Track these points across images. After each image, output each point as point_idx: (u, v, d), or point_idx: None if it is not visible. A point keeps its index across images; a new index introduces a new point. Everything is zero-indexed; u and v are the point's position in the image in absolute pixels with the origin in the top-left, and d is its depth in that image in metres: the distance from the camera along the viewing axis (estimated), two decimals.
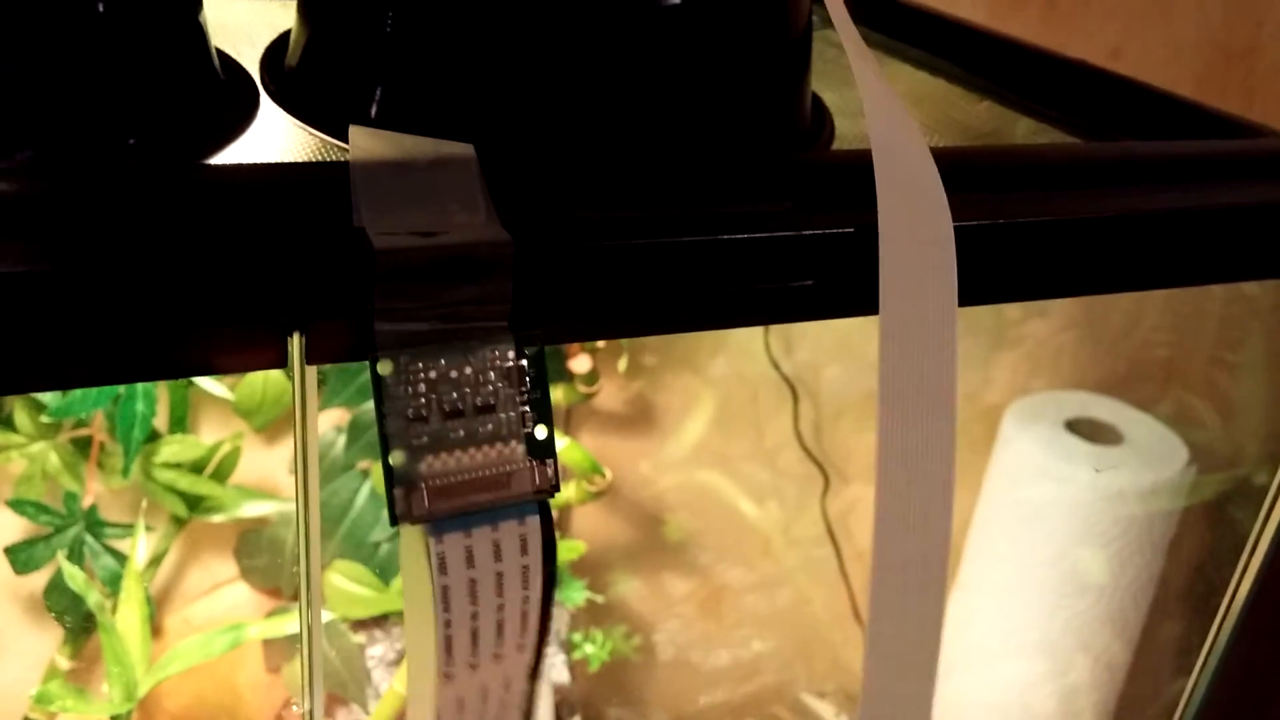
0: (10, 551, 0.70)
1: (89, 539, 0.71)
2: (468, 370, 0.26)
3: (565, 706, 0.78)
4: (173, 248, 0.24)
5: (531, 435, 0.27)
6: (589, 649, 0.79)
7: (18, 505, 0.69)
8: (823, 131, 0.44)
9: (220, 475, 0.73)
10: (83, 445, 0.70)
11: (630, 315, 0.31)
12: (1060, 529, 0.84)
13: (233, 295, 0.25)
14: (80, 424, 0.70)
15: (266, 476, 0.77)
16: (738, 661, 0.88)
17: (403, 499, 0.26)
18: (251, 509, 0.74)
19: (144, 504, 0.69)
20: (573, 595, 0.78)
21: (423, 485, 0.26)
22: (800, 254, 0.32)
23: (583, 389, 0.76)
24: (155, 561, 0.75)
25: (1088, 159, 0.41)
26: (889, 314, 0.27)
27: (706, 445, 0.84)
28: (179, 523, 0.75)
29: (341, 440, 0.74)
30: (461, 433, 0.26)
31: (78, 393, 0.64)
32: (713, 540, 0.86)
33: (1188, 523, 0.84)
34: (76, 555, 0.70)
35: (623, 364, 0.78)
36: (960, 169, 0.32)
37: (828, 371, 0.86)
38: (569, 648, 0.78)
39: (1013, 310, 0.88)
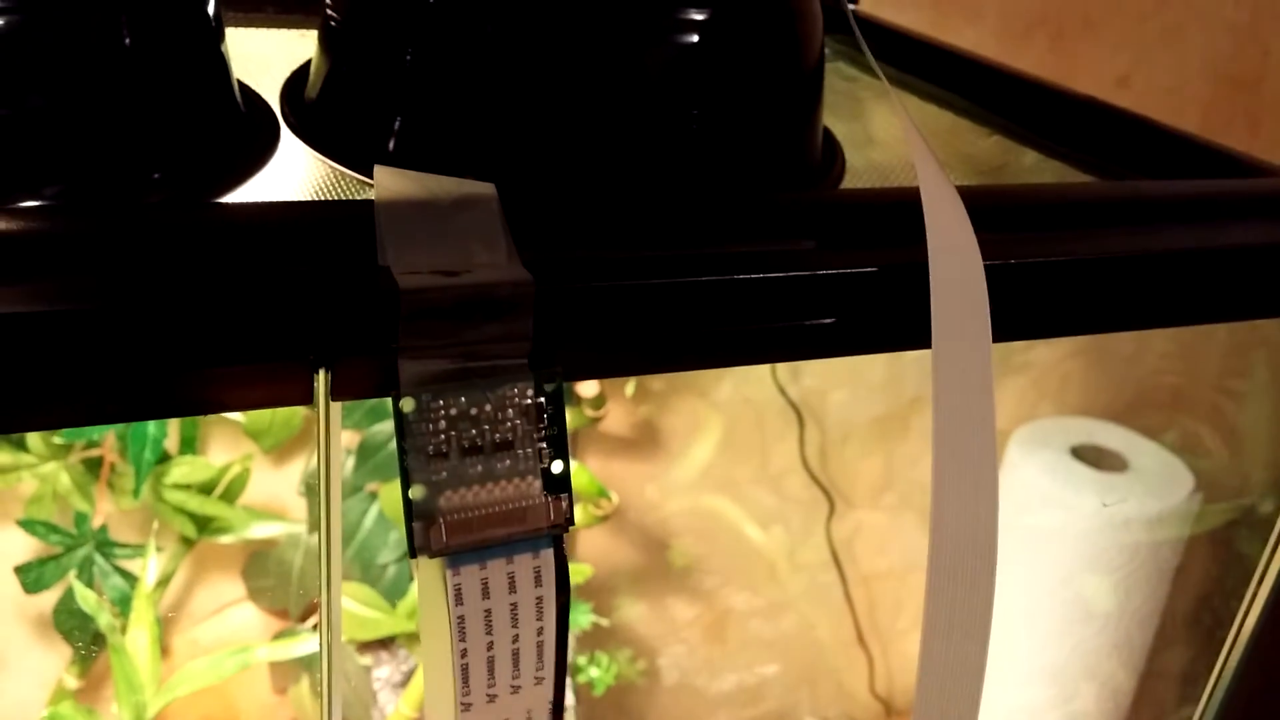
0: (20, 571, 0.70)
1: (99, 559, 0.72)
2: (487, 408, 0.26)
3: None
4: (201, 286, 0.25)
5: (548, 470, 0.28)
6: (594, 672, 0.79)
7: (29, 525, 0.69)
8: (834, 165, 0.44)
9: (229, 496, 0.73)
10: (93, 466, 0.71)
11: (649, 353, 0.31)
12: (1065, 556, 0.84)
13: (260, 333, 0.25)
14: (91, 444, 0.71)
15: (274, 498, 0.77)
16: (742, 686, 0.88)
17: (421, 533, 0.26)
18: (260, 530, 0.74)
19: (155, 525, 0.69)
20: (578, 618, 0.79)
21: (441, 520, 0.26)
22: (821, 292, 0.32)
23: (590, 413, 0.77)
24: (164, 582, 0.75)
25: (1096, 199, 0.42)
26: (941, 353, 0.28)
27: (712, 470, 0.84)
28: (188, 543, 0.75)
29: (350, 462, 0.75)
30: (479, 469, 0.27)
31: None
32: (718, 565, 0.86)
33: (1193, 551, 0.84)
34: (86, 575, 0.70)
35: (630, 388, 0.78)
36: (973, 209, 0.33)
37: (834, 397, 0.86)
38: (574, 671, 0.78)
39: None
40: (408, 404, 0.25)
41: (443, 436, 0.26)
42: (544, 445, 0.27)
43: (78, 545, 0.71)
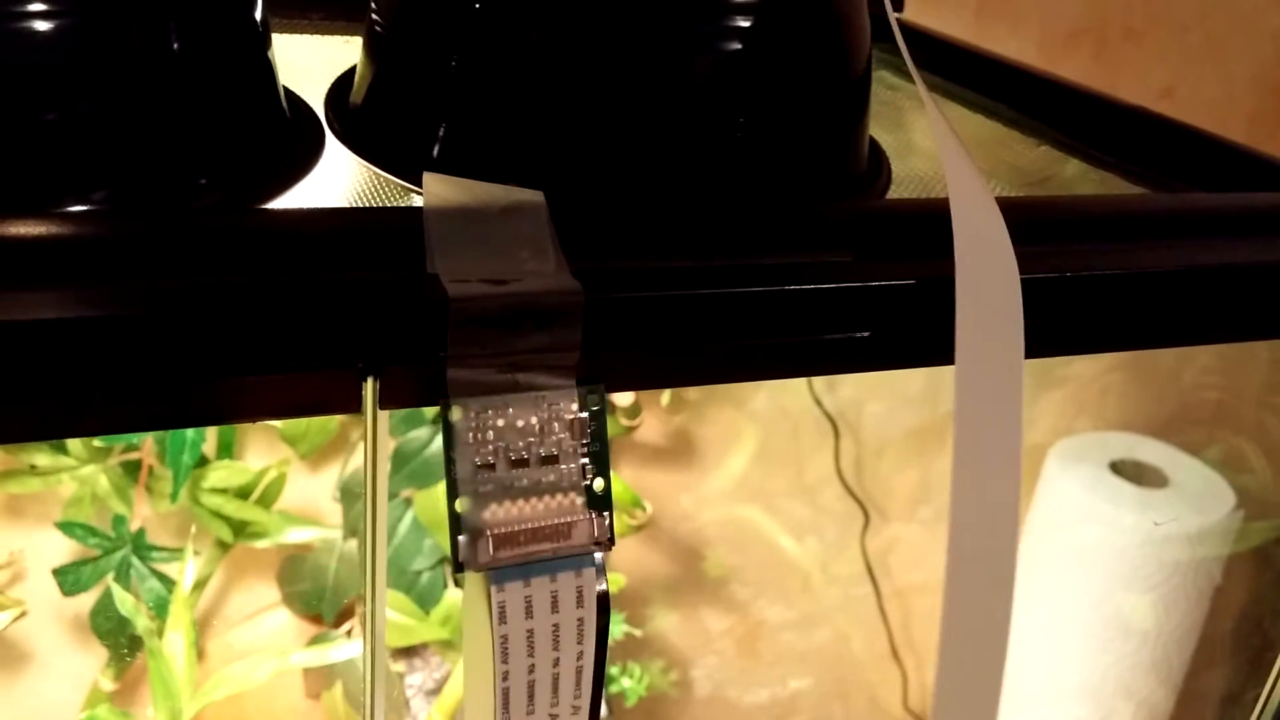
0: (59, 573, 0.71)
1: (136, 562, 0.72)
2: (534, 420, 0.26)
3: None
4: (248, 292, 0.25)
5: (590, 487, 0.27)
6: (626, 683, 0.78)
7: (67, 527, 0.70)
8: (880, 174, 0.44)
9: (265, 501, 0.73)
10: (132, 469, 0.71)
11: (689, 365, 0.31)
12: (1104, 572, 0.82)
13: (308, 340, 0.25)
14: (130, 448, 0.71)
15: (310, 503, 0.77)
16: (775, 699, 0.88)
17: (468, 547, 0.26)
18: (295, 535, 0.74)
19: (193, 529, 0.69)
20: (611, 629, 0.78)
21: (488, 533, 0.26)
22: (860, 305, 0.32)
23: (625, 422, 0.76)
24: (199, 586, 0.75)
25: (1143, 211, 0.41)
26: (964, 367, 0.28)
27: (747, 480, 0.83)
28: (224, 547, 0.75)
29: (386, 469, 0.75)
30: (525, 482, 0.26)
31: None
32: (752, 576, 0.85)
33: (1234, 569, 0.82)
34: (123, 578, 0.71)
35: (665, 398, 0.78)
36: (1020, 221, 0.32)
37: (870, 408, 0.85)
38: (607, 681, 0.78)
39: None
40: (456, 413, 0.25)
41: (490, 448, 0.26)
42: (587, 461, 0.27)
43: (115, 548, 0.71)
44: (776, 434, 0.83)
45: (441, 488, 0.68)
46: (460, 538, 0.26)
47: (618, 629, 0.78)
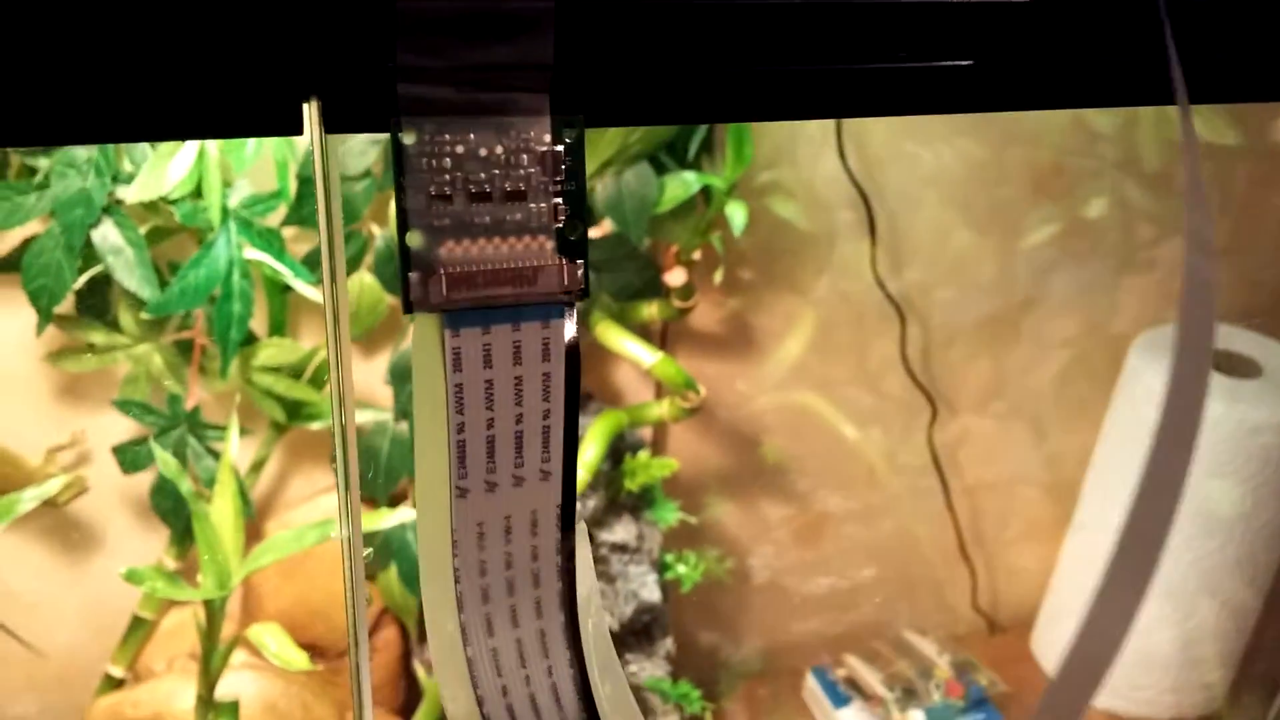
0: (118, 451, 0.71)
1: (191, 440, 0.73)
2: (498, 149, 0.24)
3: (657, 626, 0.77)
4: (186, 4, 0.23)
5: (562, 231, 0.25)
6: (681, 569, 0.77)
7: (124, 405, 0.70)
8: None
9: (317, 382, 0.73)
10: (185, 348, 0.72)
11: (698, 94, 0.26)
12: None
13: (245, 55, 0.23)
14: (183, 327, 0.71)
15: (362, 385, 0.77)
16: (835, 591, 0.85)
17: (419, 284, 0.24)
18: None
19: (237, 398, 0.70)
20: (665, 515, 0.77)
21: (441, 271, 0.24)
22: (948, 21, 0.26)
23: (678, 304, 0.74)
24: (256, 468, 0.76)
25: None
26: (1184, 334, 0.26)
27: (807, 368, 0.81)
28: (279, 429, 0.75)
29: None
30: (487, 219, 0.24)
31: (174, 291, 0.65)
32: (811, 466, 0.83)
33: None
34: (180, 457, 0.72)
35: (718, 275, 0.75)
36: None
37: (939, 294, 0.82)
38: (661, 567, 0.76)
39: (1146, 229, 0.82)
40: (409, 135, 0.23)
41: (447, 177, 0.24)
42: (559, 201, 0.25)
43: (171, 427, 0.72)
44: (837, 319, 0.80)
45: None
46: (411, 274, 0.24)
47: (672, 515, 0.76)
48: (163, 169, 0.65)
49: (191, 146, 0.65)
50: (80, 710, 0.72)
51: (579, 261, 0.25)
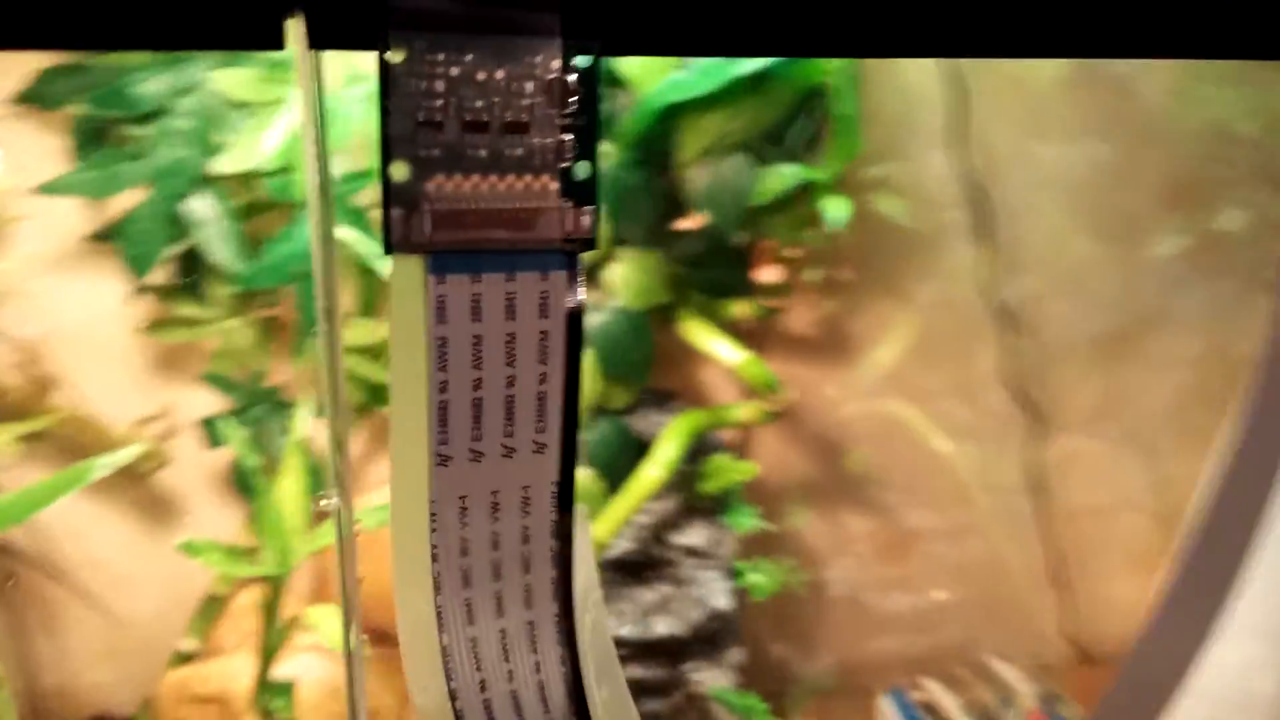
0: (207, 424, 0.72)
1: (273, 418, 0.73)
2: (499, 74, 0.21)
3: (726, 634, 0.74)
4: None
5: (569, 171, 0.22)
6: (755, 578, 0.74)
7: (213, 378, 0.71)
8: None
9: None
10: (272, 325, 0.72)
11: (735, 23, 0.23)
12: None
13: None
14: (269, 304, 0.72)
15: None
16: (916, 611, 0.81)
17: (401, 221, 0.21)
18: None
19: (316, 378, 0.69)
20: (742, 520, 0.74)
21: (427, 206, 0.21)
22: None
23: (769, 303, 0.72)
24: (336, 449, 0.76)
25: None
26: None
27: (901, 375, 0.77)
28: (359, 411, 0.75)
29: None
30: (482, 152, 0.21)
31: (265, 264, 0.65)
32: (899, 479, 0.79)
33: None
34: (263, 434, 0.72)
35: (814, 275, 0.72)
36: None
37: (1050, 307, 0.77)
38: (734, 575, 0.74)
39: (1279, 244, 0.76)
40: (396, 53, 0.21)
41: (439, 102, 0.21)
42: (567, 136, 0.22)
43: (253, 403, 0.72)
44: (938, 328, 0.76)
45: None
46: (393, 210, 0.21)
47: (749, 521, 0.74)
48: (256, 141, 0.65)
49: (285, 120, 0.66)
50: (154, 681, 0.73)
51: (587, 208, 0.23)
